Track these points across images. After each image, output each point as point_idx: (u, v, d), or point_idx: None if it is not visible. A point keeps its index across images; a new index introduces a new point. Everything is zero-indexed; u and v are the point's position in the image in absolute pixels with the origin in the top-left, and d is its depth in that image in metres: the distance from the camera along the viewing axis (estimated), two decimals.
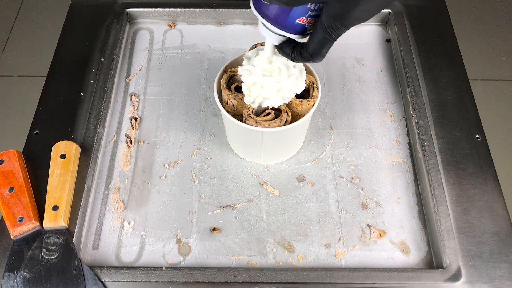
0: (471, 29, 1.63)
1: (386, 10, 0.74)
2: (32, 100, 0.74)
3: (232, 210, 0.57)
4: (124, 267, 0.52)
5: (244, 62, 0.53)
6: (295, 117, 0.54)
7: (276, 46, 0.48)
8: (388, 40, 0.74)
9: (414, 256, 0.54)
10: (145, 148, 0.63)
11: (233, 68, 0.57)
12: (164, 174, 0.60)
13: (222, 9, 0.74)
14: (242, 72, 0.52)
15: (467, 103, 0.65)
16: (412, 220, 0.57)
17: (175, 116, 0.66)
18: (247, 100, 0.52)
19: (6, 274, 0.50)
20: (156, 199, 0.58)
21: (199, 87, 0.69)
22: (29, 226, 0.52)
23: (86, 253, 0.54)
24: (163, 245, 0.55)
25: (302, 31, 0.44)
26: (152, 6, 0.75)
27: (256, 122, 0.53)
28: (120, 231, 0.56)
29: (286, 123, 0.53)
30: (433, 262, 0.54)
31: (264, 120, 0.53)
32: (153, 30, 0.76)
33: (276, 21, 0.43)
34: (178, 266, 0.53)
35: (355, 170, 0.60)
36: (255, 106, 0.53)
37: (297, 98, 0.54)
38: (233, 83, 0.57)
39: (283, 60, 0.50)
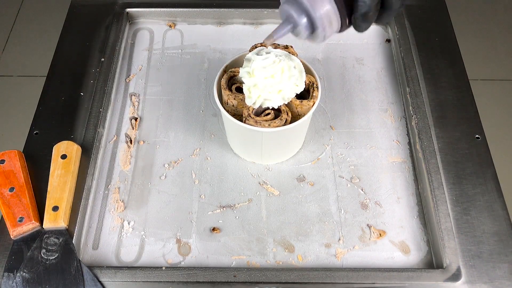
0: (471, 29, 1.63)
1: None
2: (32, 100, 0.74)
3: (232, 210, 0.57)
4: (124, 267, 0.52)
5: (245, 63, 0.53)
6: (295, 117, 0.54)
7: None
8: (388, 40, 0.74)
9: (414, 256, 0.54)
10: (145, 148, 0.63)
11: (233, 68, 0.57)
12: (164, 174, 0.60)
13: (222, 9, 0.74)
14: (243, 74, 0.52)
15: (467, 103, 0.65)
16: (412, 220, 0.57)
17: (175, 116, 0.66)
18: (248, 101, 0.53)
19: (6, 274, 0.50)
20: (156, 199, 0.58)
21: (199, 87, 0.69)
22: (29, 226, 0.52)
23: (86, 253, 0.54)
24: (163, 245, 0.55)
25: None
26: (152, 6, 0.75)
27: (256, 122, 0.53)
28: (120, 231, 0.56)
29: (286, 123, 0.53)
30: (433, 262, 0.54)
31: (264, 120, 0.53)
32: (153, 30, 0.76)
33: None
34: (178, 266, 0.53)
35: (355, 170, 0.60)
36: (255, 107, 0.53)
37: (297, 98, 0.54)
38: (233, 83, 0.57)
39: (284, 61, 0.50)
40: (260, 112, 0.54)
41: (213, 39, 0.74)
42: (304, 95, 0.56)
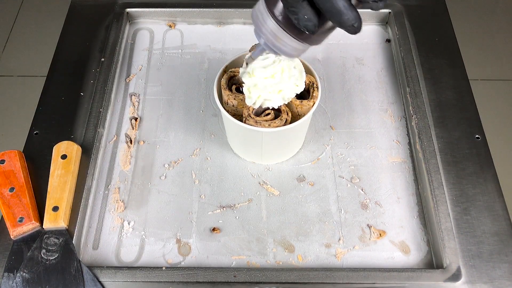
0: (471, 29, 1.63)
1: (386, 10, 0.74)
2: (32, 100, 0.74)
3: (232, 210, 0.57)
4: (124, 267, 0.52)
5: (245, 64, 0.53)
6: (295, 117, 0.54)
7: None
8: (388, 40, 0.74)
9: (414, 256, 0.54)
10: (145, 148, 0.63)
11: (233, 68, 0.57)
12: (164, 174, 0.60)
13: (222, 9, 0.74)
14: (243, 74, 0.52)
15: (467, 103, 0.65)
16: (412, 220, 0.57)
17: (175, 116, 0.66)
18: (248, 101, 0.53)
19: (6, 274, 0.50)
20: (156, 199, 0.58)
21: (199, 87, 0.69)
22: (29, 226, 0.52)
23: (86, 253, 0.54)
24: (163, 245, 0.55)
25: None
26: (152, 6, 0.75)
27: (256, 122, 0.53)
28: (120, 231, 0.56)
29: (286, 123, 0.53)
30: (433, 262, 0.54)
31: (264, 120, 0.53)
32: (153, 30, 0.76)
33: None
34: (178, 266, 0.53)
35: (355, 170, 0.60)
36: (255, 107, 0.53)
37: (297, 98, 0.54)
38: (233, 84, 0.57)
39: (284, 61, 0.51)
40: (260, 112, 0.54)
41: (213, 39, 0.74)
42: (304, 95, 0.56)
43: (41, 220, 0.53)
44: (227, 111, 0.54)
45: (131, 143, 0.63)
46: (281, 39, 0.41)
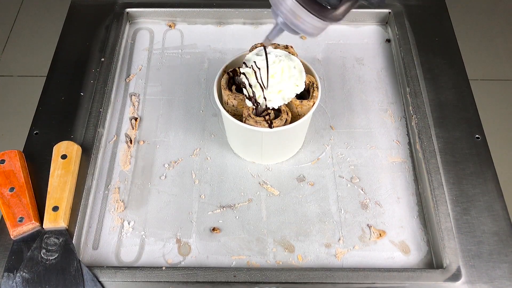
0: (471, 29, 1.63)
1: (386, 10, 0.74)
2: (32, 100, 0.74)
3: (232, 210, 0.57)
4: (124, 267, 0.52)
5: (250, 55, 0.53)
6: (295, 117, 0.54)
7: None
8: (388, 40, 0.74)
9: (414, 256, 0.54)
10: (145, 148, 0.63)
11: (233, 68, 0.57)
12: (164, 174, 0.60)
13: (222, 9, 0.74)
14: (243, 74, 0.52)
15: (467, 103, 0.65)
16: (412, 220, 0.57)
17: (175, 116, 0.66)
18: (248, 102, 0.53)
19: (5, 274, 0.50)
20: (156, 199, 0.58)
21: (199, 87, 0.69)
22: (29, 226, 0.52)
23: (86, 253, 0.54)
24: (163, 245, 0.55)
25: None
26: (152, 6, 0.75)
27: (256, 122, 0.53)
28: (120, 231, 0.56)
29: (286, 123, 0.53)
30: (433, 262, 0.54)
31: (264, 120, 0.53)
32: (153, 30, 0.76)
33: None
34: (178, 266, 0.53)
35: (355, 170, 0.60)
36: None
37: (297, 98, 0.54)
38: (233, 84, 0.57)
39: (284, 61, 0.51)
40: (260, 112, 0.54)
41: (213, 39, 0.74)
42: (304, 95, 0.56)
43: (41, 220, 0.53)
44: (227, 111, 0.54)
45: (131, 143, 0.63)
46: (300, 17, 0.40)
